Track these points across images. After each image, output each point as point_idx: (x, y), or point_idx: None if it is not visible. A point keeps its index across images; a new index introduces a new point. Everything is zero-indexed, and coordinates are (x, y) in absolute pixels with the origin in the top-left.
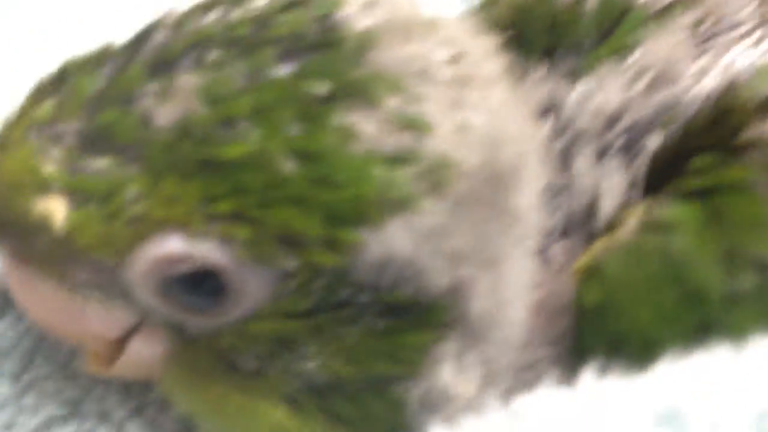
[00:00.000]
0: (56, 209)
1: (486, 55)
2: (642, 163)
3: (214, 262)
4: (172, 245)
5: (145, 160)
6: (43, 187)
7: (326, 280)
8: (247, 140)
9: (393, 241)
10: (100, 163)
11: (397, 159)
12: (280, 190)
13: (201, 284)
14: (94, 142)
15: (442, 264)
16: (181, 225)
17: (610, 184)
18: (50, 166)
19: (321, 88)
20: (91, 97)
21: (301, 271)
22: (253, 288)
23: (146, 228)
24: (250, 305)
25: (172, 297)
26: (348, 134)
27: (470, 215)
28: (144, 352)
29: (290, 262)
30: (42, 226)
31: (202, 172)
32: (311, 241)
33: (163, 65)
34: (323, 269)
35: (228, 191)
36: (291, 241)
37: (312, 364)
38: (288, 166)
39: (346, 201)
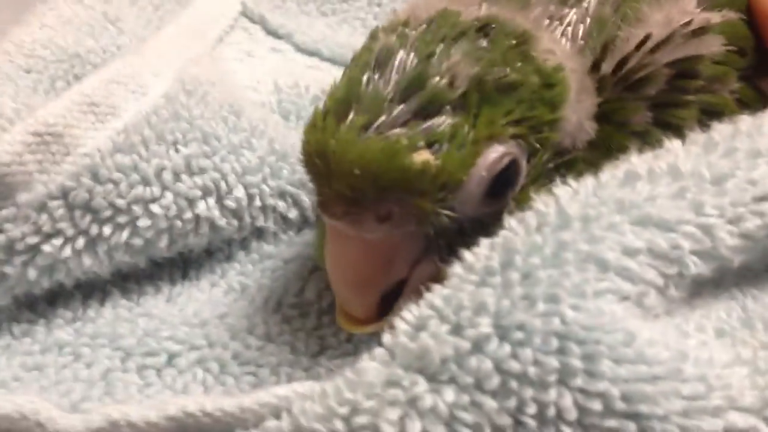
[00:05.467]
0: (427, 157)
1: None
2: None
3: (515, 156)
4: (497, 150)
5: (463, 107)
6: (413, 147)
7: (549, 151)
8: (515, 71)
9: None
10: (439, 121)
11: (557, 69)
12: (534, 95)
13: (507, 175)
14: (426, 110)
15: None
16: (497, 136)
17: None
18: (409, 135)
19: None
20: (401, 88)
21: (539, 148)
22: (525, 169)
23: (480, 146)
24: (520, 182)
25: (493, 190)
26: (549, 54)
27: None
28: (426, 276)
29: (536, 143)
30: (422, 171)
31: (497, 99)
32: (545, 124)
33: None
34: (549, 144)
35: (513, 106)
36: (537, 129)
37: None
38: (535, 81)
39: (558, 94)
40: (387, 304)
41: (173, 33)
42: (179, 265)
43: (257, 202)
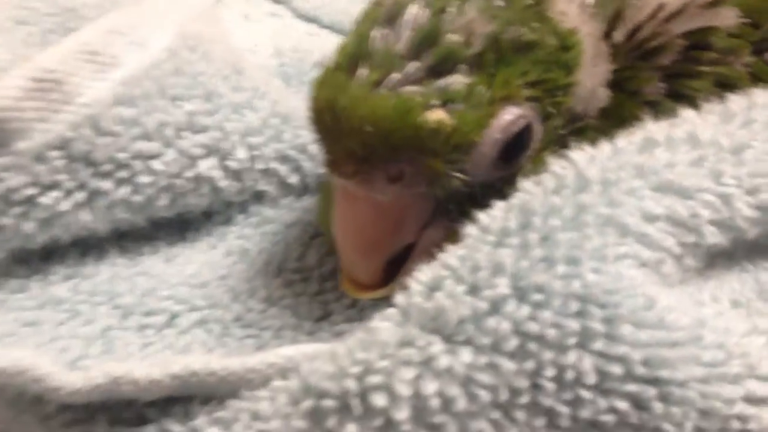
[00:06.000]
0: (441, 116)
1: None
2: None
3: (530, 119)
4: (512, 112)
5: (479, 66)
6: (426, 105)
7: (563, 116)
8: (532, 31)
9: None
10: (453, 79)
11: (573, 32)
12: (551, 57)
13: (521, 138)
14: (441, 68)
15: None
16: (513, 98)
17: None
18: (422, 93)
19: None
20: (415, 44)
21: (553, 112)
22: (539, 133)
23: (496, 107)
24: (535, 147)
25: (506, 153)
26: (564, 17)
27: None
28: (435, 240)
29: (550, 107)
30: (436, 130)
31: (513, 60)
32: (559, 88)
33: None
34: (563, 109)
35: (529, 67)
36: (552, 93)
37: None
38: (552, 42)
39: (573, 57)
40: (393, 270)
41: None
42: (177, 227)
43: (259, 165)
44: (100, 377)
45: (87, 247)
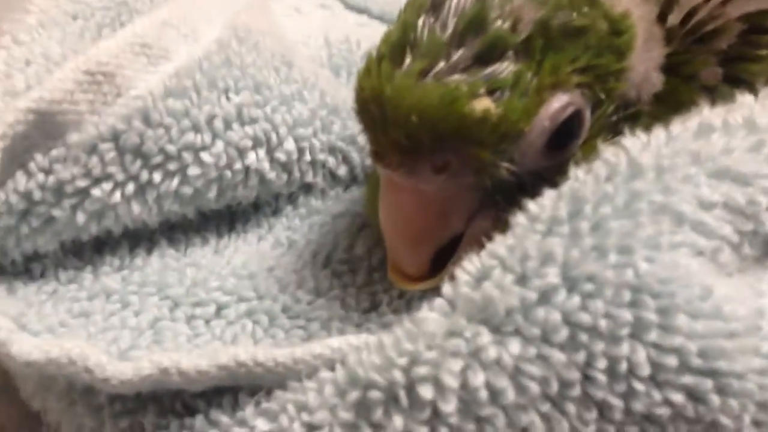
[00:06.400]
0: (488, 105)
1: None
2: None
3: (579, 105)
4: (561, 99)
5: (527, 52)
6: (473, 94)
7: (614, 103)
8: (582, 16)
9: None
10: (500, 67)
11: (625, 15)
12: (602, 42)
13: (570, 126)
14: (487, 55)
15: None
16: (562, 85)
17: None
18: (468, 81)
19: None
20: (460, 31)
21: (604, 99)
22: (589, 120)
23: (544, 95)
24: (583, 135)
25: (555, 142)
26: (615, 1)
27: None
28: (483, 230)
29: (601, 94)
30: (482, 119)
31: (562, 45)
32: (611, 74)
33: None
34: (615, 95)
35: (579, 53)
36: (603, 79)
37: None
38: (603, 27)
39: (626, 42)
40: (440, 261)
41: None
42: (226, 218)
43: (307, 157)
44: (150, 368)
45: (137, 239)
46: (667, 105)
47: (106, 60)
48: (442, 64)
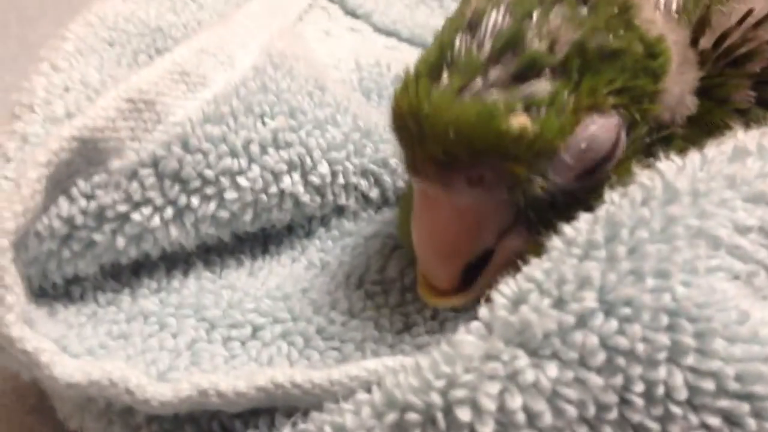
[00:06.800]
0: (525, 121)
1: None
2: None
3: (616, 126)
4: (597, 122)
5: (564, 73)
6: (510, 110)
7: (649, 125)
8: (618, 39)
9: (675, 85)
10: (538, 85)
11: (660, 39)
12: (637, 64)
13: (603, 146)
14: (525, 74)
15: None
16: (598, 106)
17: None
18: (506, 99)
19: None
20: (498, 50)
21: (639, 121)
22: (624, 142)
23: (580, 115)
24: (618, 156)
25: (587, 161)
26: (651, 24)
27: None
28: (514, 247)
29: (636, 115)
30: (519, 136)
31: (599, 67)
32: (646, 96)
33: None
34: (649, 117)
35: (615, 75)
36: (639, 101)
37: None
38: (638, 49)
39: (661, 65)
40: (471, 277)
41: (255, 9)
42: (260, 240)
43: (340, 180)
44: (189, 389)
45: (174, 262)
46: (700, 128)
47: (147, 88)
48: (479, 82)
